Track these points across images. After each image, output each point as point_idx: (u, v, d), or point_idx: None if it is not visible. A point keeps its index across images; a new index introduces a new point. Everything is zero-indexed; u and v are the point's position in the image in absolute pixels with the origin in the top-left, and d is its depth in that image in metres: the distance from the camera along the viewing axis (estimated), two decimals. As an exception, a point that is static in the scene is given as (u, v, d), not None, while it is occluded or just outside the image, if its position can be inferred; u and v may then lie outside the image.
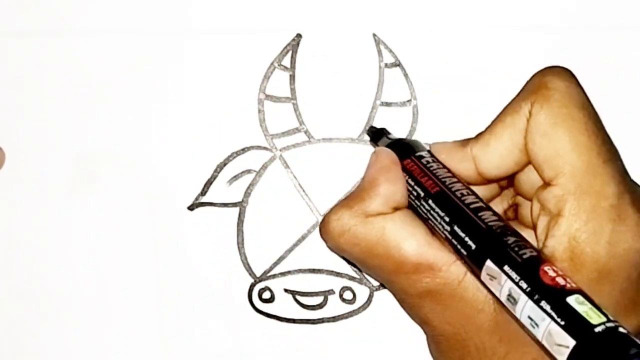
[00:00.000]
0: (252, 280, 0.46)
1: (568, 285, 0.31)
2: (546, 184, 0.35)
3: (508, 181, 0.39)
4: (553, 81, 0.35)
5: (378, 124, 0.46)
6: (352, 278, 0.46)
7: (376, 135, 0.43)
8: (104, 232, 0.46)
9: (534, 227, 0.36)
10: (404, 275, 0.36)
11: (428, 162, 0.38)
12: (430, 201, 0.36)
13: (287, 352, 0.46)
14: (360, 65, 0.46)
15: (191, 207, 0.46)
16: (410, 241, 0.36)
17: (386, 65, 0.46)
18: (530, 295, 0.31)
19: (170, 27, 0.46)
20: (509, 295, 0.32)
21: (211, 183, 0.46)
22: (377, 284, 0.46)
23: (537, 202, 0.36)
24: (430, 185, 0.37)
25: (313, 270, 0.46)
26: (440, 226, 0.36)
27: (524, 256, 0.33)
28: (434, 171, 0.37)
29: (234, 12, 0.46)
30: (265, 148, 0.46)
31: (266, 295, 0.46)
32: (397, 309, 0.45)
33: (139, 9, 0.46)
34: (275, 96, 0.46)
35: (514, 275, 0.32)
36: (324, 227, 0.38)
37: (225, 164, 0.46)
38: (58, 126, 0.46)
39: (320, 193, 0.46)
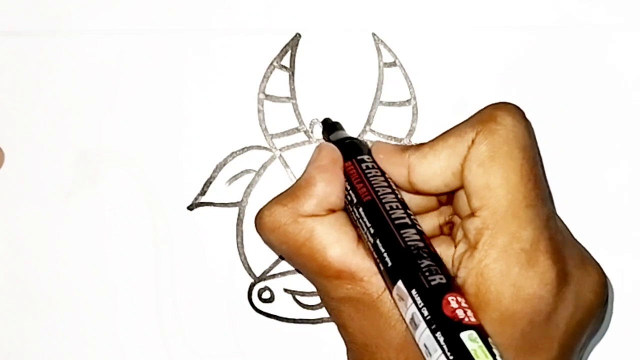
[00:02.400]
0: (252, 280, 0.46)
1: (466, 320, 0.32)
2: (471, 214, 0.35)
3: (448, 197, 0.39)
4: (503, 117, 0.35)
5: (378, 123, 0.46)
6: (351, 278, 0.46)
7: (329, 128, 0.43)
8: (103, 232, 0.46)
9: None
10: (326, 278, 0.36)
11: (367, 167, 0.38)
12: (360, 209, 0.36)
13: (287, 352, 0.46)
14: (360, 65, 0.46)
15: (191, 207, 0.46)
16: (335, 247, 0.36)
17: (386, 64, 0.46)
18: (428, 324, 0.32)
19: (169, 27, 0.46)
20: (412, 319, 0.33)
21: (211, 183, 0.46)
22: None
23: (461, 228, 0.36)
24: (363, 193, 0.36)
25: (313, 270, 0.46)
26: (366, 236, 0.36)
27: (432, 282, 0.33)
28: (371, 178, 0.37)
29: (233, 11, 0.46)
30: (265, 148, 0.46)
31: (266, 295, 0.46)
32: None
33: (138, 9, 0.46)
34: (275, 96, 0.46)
35: (418, 300, 0.32)
36: (257, 221, 0.38)
37: (224, 164, 0.46)
38: (58, 126, 0.46)
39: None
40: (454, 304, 0.32)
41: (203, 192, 0.46)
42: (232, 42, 0.46)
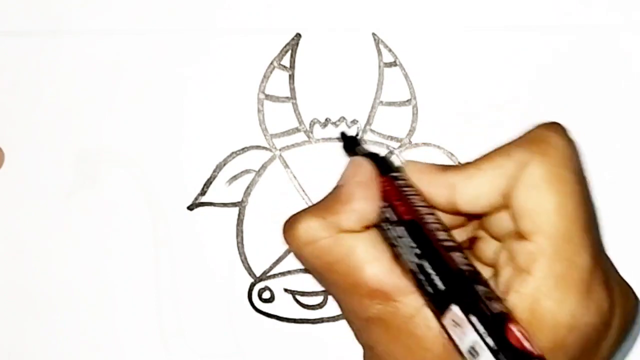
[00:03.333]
0: (252, 280, 0.46)
1: (535, 352, 0.31)
2: (520, 236, 0.34)
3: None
4: (554, 138, 0.35)
5: (378, 123, 0.46)
6: (351, 278, 0.46)
7: (350, 143, 0.41)
8: (103, 232, 0.46)
9: (495, 272, 0.36)
10: (358, 297, 0.35)
11: (404, 184, 0.36)
12: (402, 228, 0.35)
13: (287, 352, 0.46)
14: (360, 65, 0.46)
15: (191, 207, 0.46)
16: (374, 265, 0.35)
17: (386, 64, 0.46)
18: (495, 354, 0.30)
19: (169, 27, 0.46)
20: (472, 347, 0.31)
21: (211, 183, 0.46)
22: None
23: (506, 250, 0.35)
24: (403, 212, 0.35)
25: (313, 270, 0.46)
26: (407, 256, 0.34)
27: (494, 310, 0.32)
28: (409, 197, 0.36)
29: (233, 11, 0.46)
30: (265, 148, 0.46)
31: (266, 295, 0.46)
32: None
33: (138, 9, 0.46)
34: (275, 96, 0.46)
35: (480, 328, 0.31)
36: (290, 231, 0.36)
37: (225, 164, 0.46)
38: (58, 126, 0.46)
39: (320, 193, 0.46)
40: (518, 334, 0.31)
41: (203, 192, 0.46)
42: (232, 42, 0.46)
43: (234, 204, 0.46)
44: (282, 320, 0.46)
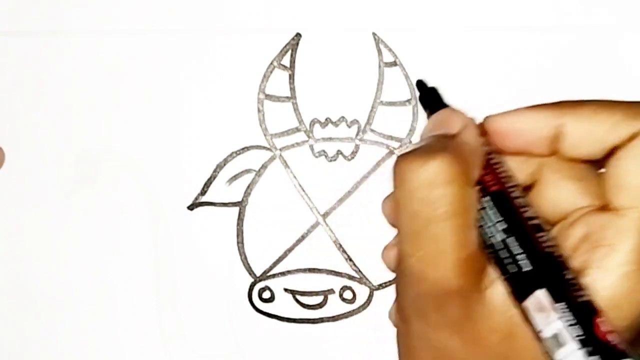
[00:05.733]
0: (252, 280, 0.46)
1: (619, 346, 0.29)
2: (607, 208, 0.32)
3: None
4: None
5: (378, 123, 0.46)
6: (351, 277, 0.46)
7: (428, 95, 0.36)
8: (103, 232, 0.46)
9: (561, 237, 0.32)
10: (452, 263, 0.30)
11: (489, 152, 0.33)
12: (487, 198, 0.31)
13: (287, 352, 0.46)
14: (360, 65, 0.46)
15: (191, 207, 0.46)
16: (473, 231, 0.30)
17: (386, 64, 0.46)
18: (583, 344, 0.29)
19: (169, 27, 0.46)
20: (555, 336, 0.29)
21: (211, 183, 0.46)
22: (377, 283, 0.46)
23: (584, 223, 0.32)
24: (488, 181, 0.31)
25: (313, 270, 0.46)
26: (491, 230, 0.31)
27: (581, 299, 0.29)
28: (495, 166, 0.32)
29: (233, 11, 0.46)
30: (265, 148, 0.46)
31: (266, 294, 0.46)
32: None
33: (138, 9, 0.46)
34: (275, 96, 0.46)
35: (569, 317, 0.29)
36: (413, 163, 0.30)
37: (225, 164, 0.46)
38: (58, 126, 0.46)
39: (320, 193, 0.46)
40: (604, 327, 0.29)
41: (203, 192, 0.46)
42: (232, 42, 0.46)
43: (234, 204, 0.46)
44: (282, 320, 0.46)
